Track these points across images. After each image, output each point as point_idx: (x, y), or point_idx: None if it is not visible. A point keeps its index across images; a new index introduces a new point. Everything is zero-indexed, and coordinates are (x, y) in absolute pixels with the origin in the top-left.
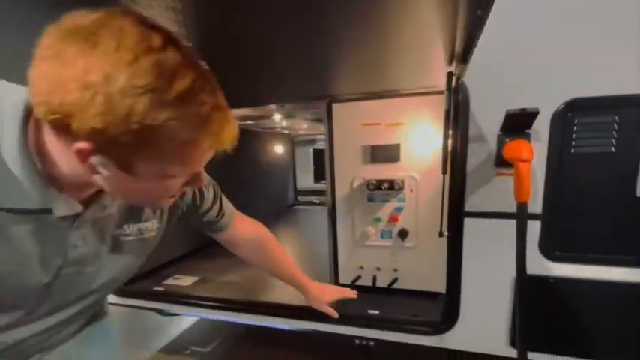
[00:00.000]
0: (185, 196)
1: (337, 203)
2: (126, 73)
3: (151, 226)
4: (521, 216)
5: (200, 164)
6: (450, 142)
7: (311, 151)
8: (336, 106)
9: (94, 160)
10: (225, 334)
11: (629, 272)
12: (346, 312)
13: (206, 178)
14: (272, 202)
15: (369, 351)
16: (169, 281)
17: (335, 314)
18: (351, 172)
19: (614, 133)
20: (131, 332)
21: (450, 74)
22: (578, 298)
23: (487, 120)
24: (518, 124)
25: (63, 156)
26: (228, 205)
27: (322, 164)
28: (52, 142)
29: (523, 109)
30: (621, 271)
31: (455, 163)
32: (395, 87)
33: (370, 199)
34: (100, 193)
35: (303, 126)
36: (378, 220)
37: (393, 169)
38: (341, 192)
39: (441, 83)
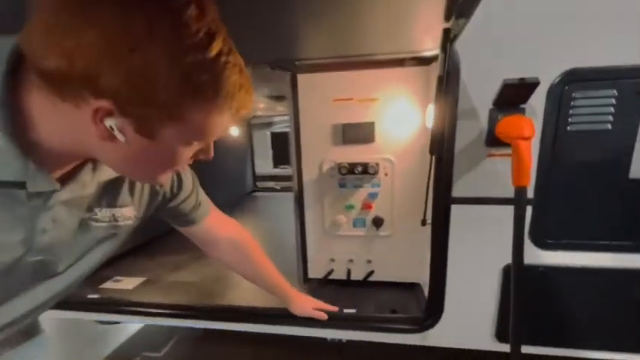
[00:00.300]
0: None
1: (305, 189)
2: (169, 28)
3: (128, 213)
4: (520, 202)
5: (218, 133)
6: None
7: (269, 134)
8: (301, 78)
9: (111, 122)
10: (181, 335)
11: (624, 259)
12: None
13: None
14: (229, 188)
15: (342, 348)
16: (108, 285)
17: (324, 316)
18: (320, 155)
19: (612, 108)
20: (71, 342)
21: (446, 31)
22: (569, 288)
23: (477, 93)
24: (514, 97)
25: (62, 119)
26: (204, 196)
27: (281, 148)
28: (46, 103)
29: (522, 79)
30: (615, 258)
31: (442, 143)
32: (370, 50)
33: (341, 185)
34: (78, 169)
35: (259, 105)
36: (351, 207)
37: (366, 150)
38: (309, 176)
39: (423, 48)
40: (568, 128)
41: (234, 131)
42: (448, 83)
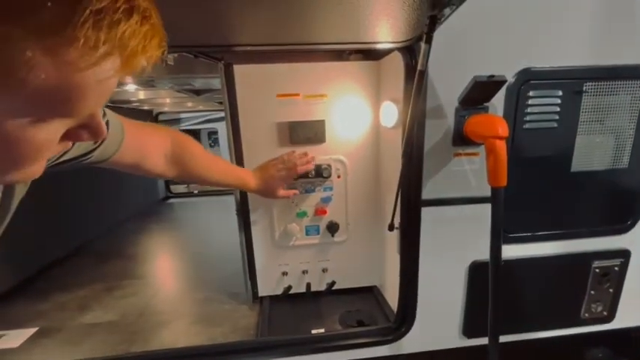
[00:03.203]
0: None
1: (250, 198)
2: None
3: None
4: (497, 202)
5: (87, 93)
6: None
7: None
8: (239, 70)
9: None
10: None
11: (567, 245)
12: (284, 339)
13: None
14: (138, 196)
15: None
16: None
17: (296, 192)
18: (265, 157)
19: (557, 107)
20: None
21: (433, 19)
22: (522, 277)
23: (441, 90)
24: (481, 94)
25: None
26: (110, 115)
27: None
28: None
29: (492, 76)
30: (558, 245)
31: (412, 143)
32: (316, 39)
33: None
34: None
35: (166, 100)
36: (303, 214)
37: (317, 151)
38: None
39: (376, 40)
40: (524, 127)
41: None
42: (420, 79)
